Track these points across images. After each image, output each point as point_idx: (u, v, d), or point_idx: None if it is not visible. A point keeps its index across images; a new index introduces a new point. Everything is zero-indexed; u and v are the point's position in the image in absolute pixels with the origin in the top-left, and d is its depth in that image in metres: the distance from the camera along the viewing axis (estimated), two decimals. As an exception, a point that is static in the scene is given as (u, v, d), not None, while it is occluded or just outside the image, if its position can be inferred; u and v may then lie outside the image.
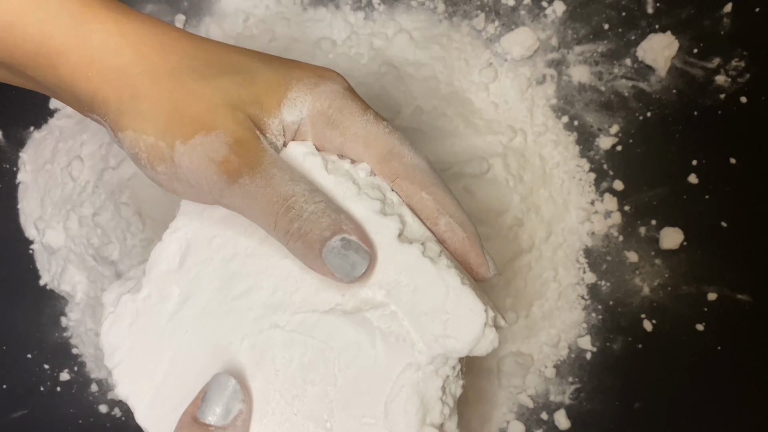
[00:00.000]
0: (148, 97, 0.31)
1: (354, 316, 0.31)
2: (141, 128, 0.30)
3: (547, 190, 0.55)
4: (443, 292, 0.31)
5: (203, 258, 0.33)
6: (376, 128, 0.33)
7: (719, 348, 0.52)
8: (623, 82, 0.57)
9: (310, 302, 0.32)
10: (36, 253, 0.56)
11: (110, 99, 0.31)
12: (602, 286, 0.55)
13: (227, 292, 0.33)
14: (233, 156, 0.30)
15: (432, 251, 0.32)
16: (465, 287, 0.32)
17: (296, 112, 0.32)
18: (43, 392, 0.54)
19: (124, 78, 0.31)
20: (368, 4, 0.58)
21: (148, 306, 0.33)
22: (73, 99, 0.32)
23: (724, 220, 0.54)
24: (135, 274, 0.36)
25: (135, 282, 0.35)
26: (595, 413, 0.54)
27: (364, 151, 0.33)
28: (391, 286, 0.31)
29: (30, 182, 0.57)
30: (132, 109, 0.31)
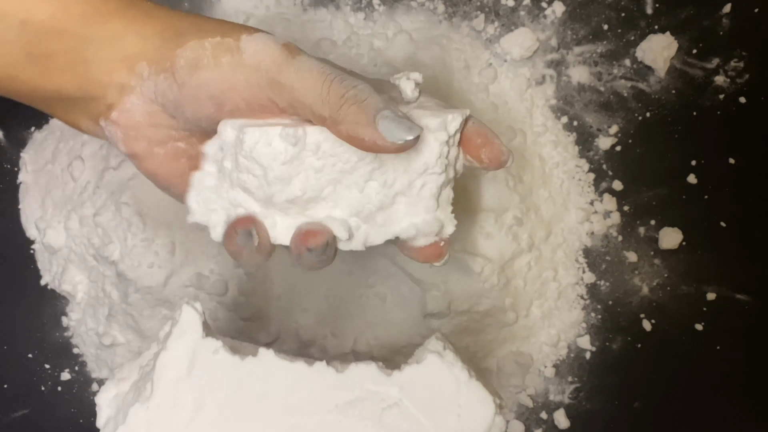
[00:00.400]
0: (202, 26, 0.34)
1: (372, 417, 0.33)
2: (206, 35, 0.33)
3: (546, 190, 0.55)
4: (454, 386, 0.34)
5: (213, 363, 0.34)
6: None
7: (718, 348, 0.52)
8: (622, 82, 0.57)
9: (327, 402, 0.33)
10: (37, 253, 0.57)
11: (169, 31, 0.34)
12: (601, 285, 0.56)
13: (242, 396, 0.33)
14: (290, 43, 0.34)
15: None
16: (473, 380, 0.35)
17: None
18: (43, 392, 0.55)
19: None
20: (368, 4, 0.58)
21: (161, 415, 0.33)
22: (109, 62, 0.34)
23: (723, 220, 0.54)
24: (128, 374, 0.36)
25: (130, 384, 0.35)
26: (595, 413, 0.54)
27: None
28: (404, 382, 0.34)
29: (31, 182, 0.57)
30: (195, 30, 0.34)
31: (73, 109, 0.36)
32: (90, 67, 0.34)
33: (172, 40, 0.33)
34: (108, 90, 0.34)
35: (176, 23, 0.34)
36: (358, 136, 0.31)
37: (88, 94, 0.34)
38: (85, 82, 0.34)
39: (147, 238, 0.51)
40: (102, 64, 0.34)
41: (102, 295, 0.54)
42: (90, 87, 0.34)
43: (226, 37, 0.33)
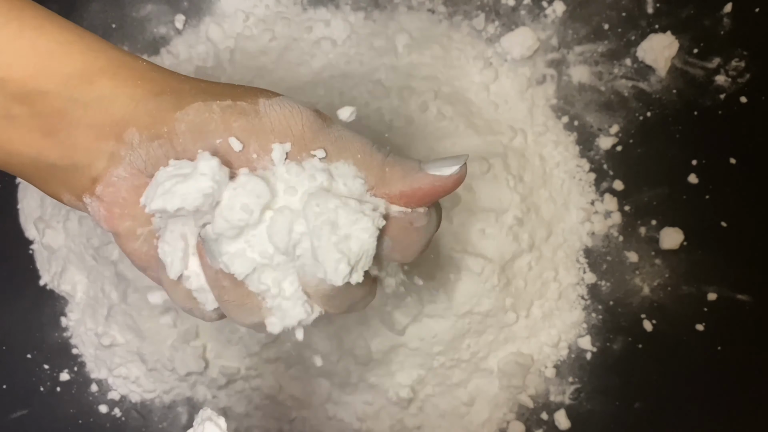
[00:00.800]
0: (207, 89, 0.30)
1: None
2: (213, 98, 0.30)
3: (547, 190, 0.55)
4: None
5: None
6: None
7: (719, 348, 0.52)
8: (623, 82, 0.57)
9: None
10: (36, 253, 0.56)
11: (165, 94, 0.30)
12: (602, 286, 0.55)
13: None
14: (319, 110, 0.31)
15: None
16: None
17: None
18: (43, 392, 0.54)
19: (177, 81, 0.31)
20: (368, 4, 0.58)
21: None
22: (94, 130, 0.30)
23: (724, 220, 0.54)
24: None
25: None
26: (595, 413, 0.54)
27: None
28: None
29: (30, 182, 0.57)
30: (198, 92, 0.30)
31: (53, 180, 0.32)
32: (74, 133, 0.30)
33: (170, 102, 0.30)
34: (93, 159, 0.30)
35: (176, 85, 0.30)
36: (413, 187, 0.31)
37: (72, 162, 0.30)
38: (68, 150, 0.30)
39: (146, 238, 0.51)
40: (87, 130, 0.30)
41: (101, 296, 0.54)
42: (74, 155, 0.30)
43: (239, 100, 0.30)
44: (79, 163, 0.30)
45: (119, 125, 0.30)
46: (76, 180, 0.31)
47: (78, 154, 0.30)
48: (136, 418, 0.55)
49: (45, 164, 0.31)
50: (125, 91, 0.30)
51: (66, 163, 0.31)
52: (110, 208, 0.31)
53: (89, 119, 0.30)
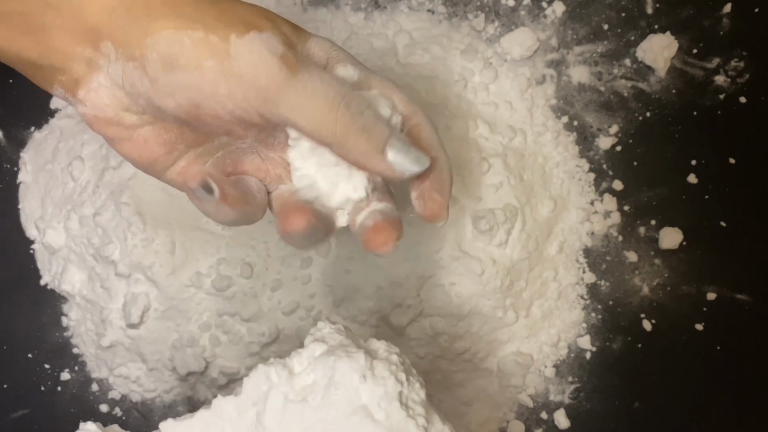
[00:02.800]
0: (178, 4, 0.30)
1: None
2: (185, 25, 0.29)
3: (546, 190, 0.55)
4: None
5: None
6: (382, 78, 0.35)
7: (718, 348, 0.52)
8: (623, 82, 0.57)
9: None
10: (37, 253, 0.57)
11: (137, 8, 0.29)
12: (602, 285, 0.56)
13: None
14: (289, 53, 0.30)
15: None
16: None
17: (322, 51, 0.33)
18: (43, 392, 0.55)
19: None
20: (368, 4, 0.58)
21: None
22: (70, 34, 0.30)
23: (723, 220, 0.54)
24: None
25: None
26: (595, 413, 0.54)
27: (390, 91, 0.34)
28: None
29: (31, 182, 0.57)
30: (169, 12, 0.29)
31: (39, 76, 0.32)
32: (49, 35, 0.30)
33: (142, 20, 0.29)
34: (71, 63, 0.31)
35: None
36: (366, 166, 0.31)
37: (50, 63, 0.31)
38: (45, 50, 0.30)
39: (147, 238, 0.51)
40: (62, 33, 0.30)
41: (101, 295, 0.54)
42: (51, 56, 0.31)
43: (211, 32, 0.29)
44: (58, 65, 0.31)
45: (93, 33, 0.30)
46: (58, 79, 0.31)
47: (55, 55, 0.30)
48: (136, 417, 0.55)
49: (28, 62, 0.31)
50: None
51: (45, 63, 0.31)
52: (95, 112, 0.32)
53: (62, 23, 0.30)
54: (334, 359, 0.32)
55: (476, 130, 0.53)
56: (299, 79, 0.30)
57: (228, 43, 0.29)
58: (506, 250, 0.52)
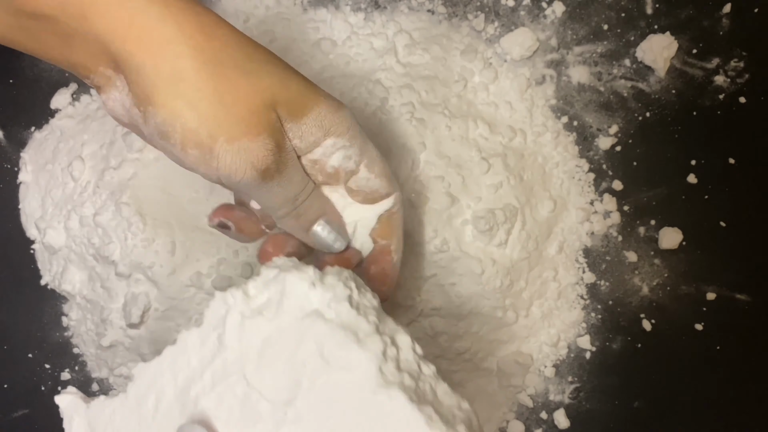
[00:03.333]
0: (190, 81, 0.31)
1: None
2: (180, 111, 0.31)
3: (546, 190, 0.55)
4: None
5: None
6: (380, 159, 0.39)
7: (718, 347, 0.52)
8: (622, 82, 0.57)
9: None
10: (37, 253, 0.57)
11: (146, 68, 0.31)
12: (601, 285, 0.56)
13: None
14: (273, 164, 0.33)
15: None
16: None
17: (318, 126, 0.35)
18: (44, 392, 0.55)
19: (166, 51, 0.30)
20: (368, 4, 0.58)
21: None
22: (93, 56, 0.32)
23: (723, 220, 0.54)
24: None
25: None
26: (595, 412, 0.54)
27: (376, 175, 0.39)
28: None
29: (31, 182, 0.57)
30: (171, 88, 0.31)
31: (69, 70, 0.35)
32: (76, 49, 0.32)
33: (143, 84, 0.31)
34: (94, 77, 0.33)
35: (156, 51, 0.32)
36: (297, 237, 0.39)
37: (77, 72, 0.34)
38: (71, 66, 0.33)
39: (147, 238, 0.51)
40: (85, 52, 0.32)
41: (102, 295, 0.54)
42: (77, 70, 0.33)
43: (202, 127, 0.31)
44: (83, 74, 0.34)
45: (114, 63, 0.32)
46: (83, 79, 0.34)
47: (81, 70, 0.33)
48: None
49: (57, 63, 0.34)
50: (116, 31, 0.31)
51: (73, 70, 0.34)
52: (116, 116, 0.35)
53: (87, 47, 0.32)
54: (285, 274, 0.34)
55: (476, 130, 0.53)
56: (268, 185, 0.34)
57: (215, 144, 0.32)
58: (506, 250, 0.52)
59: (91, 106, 0.58)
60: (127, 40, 0.31)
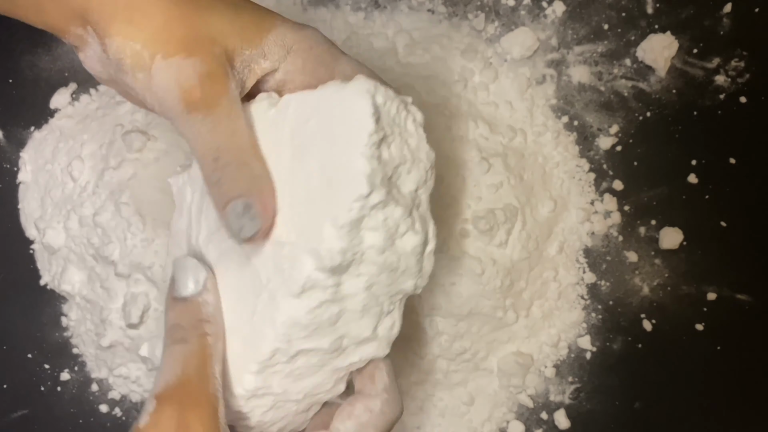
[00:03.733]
0: (142, 9, 0.32)
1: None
2: (130, 35, 0.32)
3: (546, 190, 0.55)
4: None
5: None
6: (359, 67, 0.37)
7: (719, 348, 0.52)
8: (623, 82, 0.57)
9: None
10: (36, 253, 0.57)
11: (105, 6, 0.32)
12: (602, 285, 0.56)
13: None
14: (197, 88, 0.32)
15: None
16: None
17: (280, 44, 0.35)
18: (43, 392, 0.55)
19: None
20: (368, 4, 0.58)
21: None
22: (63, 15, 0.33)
23: (723, 220, 0.54)
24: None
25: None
26: (595, 413, 0.54)
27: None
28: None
29: (30, 182, 0.57)
30: (125, 16, 0.32)
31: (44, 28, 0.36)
32: (47, 11, 0.34)
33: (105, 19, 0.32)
34: (68, 36, 0.34)
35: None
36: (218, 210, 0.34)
37: (51, 30, 0.35)
38: (46, 25, 0.34)
39: (147, 238, 0.51)
40: (56, 14, 0.33)
41: (101, 295, 0.54)
42: (52, 29, 0.34)
43: (145, 48, 0.32)
44: (58, 34, 0.34)
45: (80, 18, 0.33)
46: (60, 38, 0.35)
47: (56, 30, 0.34)
48: (136, 417, 0.55)
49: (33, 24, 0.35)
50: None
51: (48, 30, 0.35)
52: (95, 73, 0.35)
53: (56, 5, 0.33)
54: None
55: (476, 130, 0.53)
56: (191, 118, 0.32)
57: (153, 62, 0.32)
58: (506, 250, 0.52)
59: (91, 106, 0.58)
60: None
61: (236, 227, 0.32)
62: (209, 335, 0.33)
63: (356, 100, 0.32)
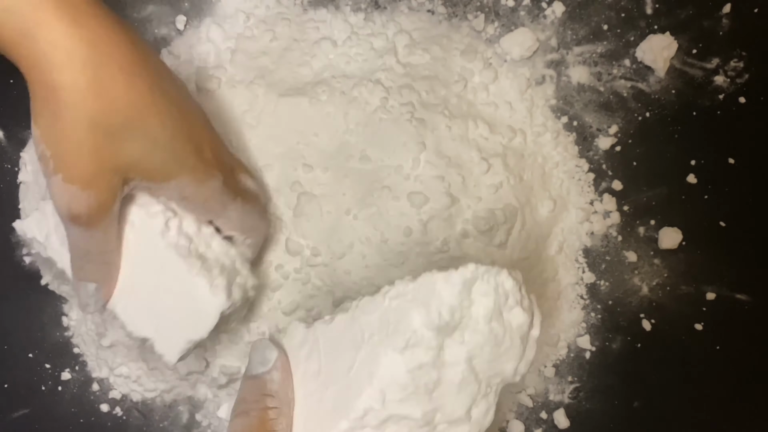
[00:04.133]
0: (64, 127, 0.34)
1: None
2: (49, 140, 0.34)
3: (546, 190, 0.55)
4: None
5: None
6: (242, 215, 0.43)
7: (718, 347, 0.52)
8: (622, 82, 0.57)
9: None
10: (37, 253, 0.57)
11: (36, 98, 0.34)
12: (601, 285, 0.56)
13: None
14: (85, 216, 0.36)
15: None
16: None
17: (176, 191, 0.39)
18: (44, 391, 0.55)
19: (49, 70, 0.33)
20: (368, 4, 0.58)
21: None
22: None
23: (722, 220, 0.54)
24: None
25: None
26: (595, 412, 0.54)
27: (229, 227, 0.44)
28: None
29: (31, 182, 0.57)
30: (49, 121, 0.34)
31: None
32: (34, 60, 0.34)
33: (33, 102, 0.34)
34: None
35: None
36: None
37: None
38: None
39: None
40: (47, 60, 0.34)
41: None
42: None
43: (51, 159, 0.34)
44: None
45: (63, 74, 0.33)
46: None
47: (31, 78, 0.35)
48: (137, 417, 0.55)
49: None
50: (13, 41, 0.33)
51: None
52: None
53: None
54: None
55: (476, 130, 0.53)
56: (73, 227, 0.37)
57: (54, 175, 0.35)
58: (506, 250, 0.52)
59: (91, 106, 0.58)
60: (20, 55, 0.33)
61: (83, 302, 0.40)
62: (271, 409, 0.35)
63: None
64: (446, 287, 0.32)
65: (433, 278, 0.33)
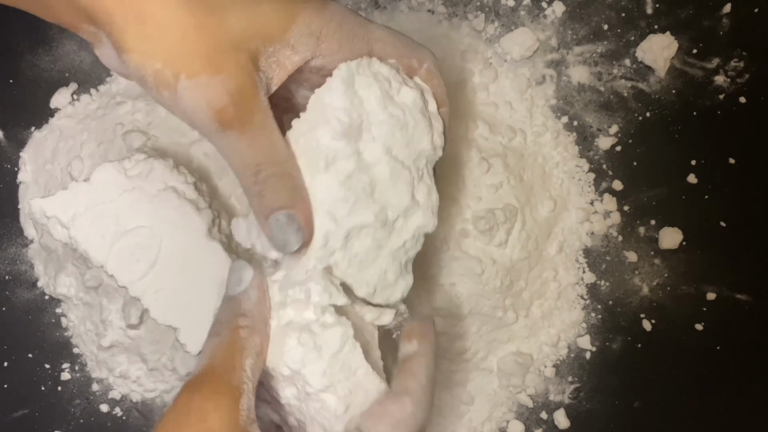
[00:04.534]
0: (155, 21, 0.31)
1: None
2: (148, 53, 0.31)
3: (546, 190, 0.55)
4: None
5: None
6: (390, 32, 0.37)
7: (718, 347, 0.52)
8: (622, 82, 0.57)
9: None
10: (36, 253, 0.57)
11: (115, 15, 0.31)
12: (602, 285, 0.56)
13: None
14: (230, 107, 0.32)
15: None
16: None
17: (308, 34, 0.34)
18: (44, 391, 0.55)
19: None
20: (368, 4, 0.58)
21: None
22: (73, 13, 0.32)
23: (723, 220, 0.54)
24: None
25: None
26: (595, 412, 0.54)
27: (392, 50, 0.37)
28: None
29: (30, 182, 0.57)
30: (138, 31, 0.31)
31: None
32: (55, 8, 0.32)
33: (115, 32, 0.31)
34: (83, 33, 0.33)
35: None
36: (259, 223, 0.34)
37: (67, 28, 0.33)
38: (58, 21, 0.33)
39: (147, 238, 0.51)
40: (64, 11, 0.32)
41: (100, 296, 0.54)
42: (65, 26, 0.33)
43: (167, 66, 0.31)
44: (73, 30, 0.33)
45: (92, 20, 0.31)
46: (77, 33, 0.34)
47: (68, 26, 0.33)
48: (137, 417, 0.55)
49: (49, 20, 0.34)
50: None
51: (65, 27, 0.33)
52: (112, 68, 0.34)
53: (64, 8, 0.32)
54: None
55: (476, 130, 0.53)
56: (227, 134, 0.32)
57: (177, 82, 0.31)
58: (506, 250, 0.52)
59: (91, 106, 0.58)
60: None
61: (281, 240, 0.34)
62: (242, 328, 0.33)
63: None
64: (330, 94, 0.34)
65: (317, 96, 0.34)
